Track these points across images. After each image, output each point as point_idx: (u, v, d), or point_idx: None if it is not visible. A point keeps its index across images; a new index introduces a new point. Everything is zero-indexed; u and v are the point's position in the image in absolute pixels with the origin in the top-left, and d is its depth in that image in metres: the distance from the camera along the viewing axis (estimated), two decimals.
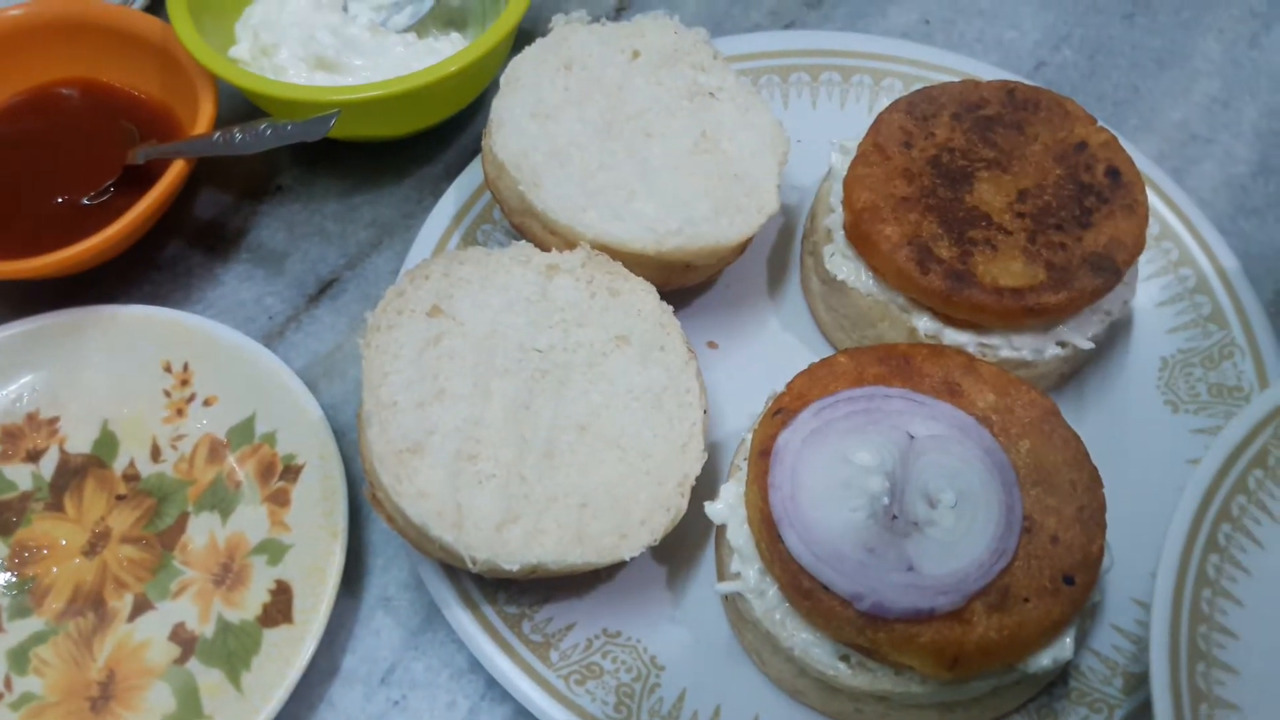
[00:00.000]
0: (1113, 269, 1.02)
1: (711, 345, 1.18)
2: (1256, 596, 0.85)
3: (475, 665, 1.02)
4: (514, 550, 0.89)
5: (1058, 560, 0.87)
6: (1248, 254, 1.20)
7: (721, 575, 1.00)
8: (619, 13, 1.49)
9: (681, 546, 1.04)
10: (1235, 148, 1.35)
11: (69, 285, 1.20)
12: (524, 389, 0.97)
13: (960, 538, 0.86)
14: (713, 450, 1.10)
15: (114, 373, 1.15)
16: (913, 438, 0.91)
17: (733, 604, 0.98)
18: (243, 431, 1.11)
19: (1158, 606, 0.83)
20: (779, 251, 1.24)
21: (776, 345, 1.18)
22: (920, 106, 1.12)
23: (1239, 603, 0.85)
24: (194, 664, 1.00)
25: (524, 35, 1.22)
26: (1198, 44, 1.45)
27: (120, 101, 1.30)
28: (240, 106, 1.30)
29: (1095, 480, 0.92)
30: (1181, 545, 0.85)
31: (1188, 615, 0.83)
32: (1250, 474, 0.88)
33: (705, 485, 1.01)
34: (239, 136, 1.13)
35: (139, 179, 1.19)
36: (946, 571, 0.85)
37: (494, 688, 1.01)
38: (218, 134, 1.15)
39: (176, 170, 1.16)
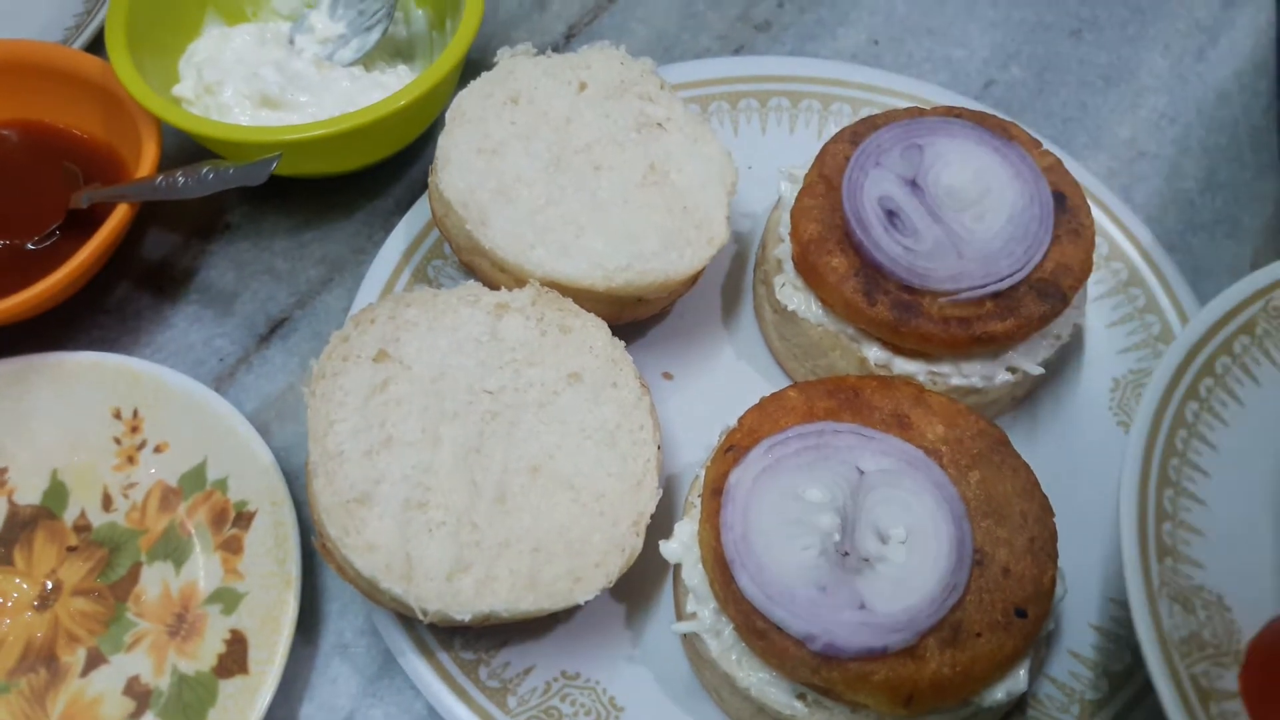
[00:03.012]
0: (1059, 295, 1.02)
1: (667, 376, 1.17)
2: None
3: (435, 712, 1.01)
4: (466, 600, 0.88)
5: (1009, 593, 0.87)
6: (1196, 270, 1.20)
7: (679, 614, 1.00)
8: (568, 40, 1.48)
9: (640, 584, 1.04)
10: (1183, 163, 1.36)
11: (15, 332, 1.18)
12: (474, 432, 0.97)
13: (911, 574, 0.86)
14: (670, 483, 1.10)
15: (63, 421, 1.13)
16: (862, 473, 0.91)
17: (691, 643, 0.97)
18: (194, 478, 1.10)
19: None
20: (732, 280, 1.24)
21: (732, 374, 1.18)
22: (864, 135, 1.12)
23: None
24: (149, 719, 0.99)
25: (473, 67, 1.21)
26: (1144, 59, 1.45)
27: (62, 142, 1.28)
28: (188, 143, 1.29)
29: (1046, 510, 0.93)
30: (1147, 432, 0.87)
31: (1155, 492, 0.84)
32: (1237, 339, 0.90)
33: (662, 519, 1.00)
34: (181, 180, 1.12)
35: (84, 221, 1.18)
36: (899, 609, 0.85)
37: None
38: (160, 178, 1.13)
39: (121, 214, 1.14)
